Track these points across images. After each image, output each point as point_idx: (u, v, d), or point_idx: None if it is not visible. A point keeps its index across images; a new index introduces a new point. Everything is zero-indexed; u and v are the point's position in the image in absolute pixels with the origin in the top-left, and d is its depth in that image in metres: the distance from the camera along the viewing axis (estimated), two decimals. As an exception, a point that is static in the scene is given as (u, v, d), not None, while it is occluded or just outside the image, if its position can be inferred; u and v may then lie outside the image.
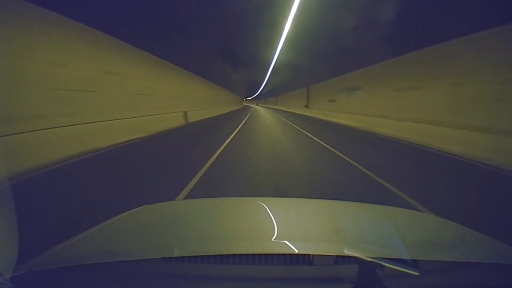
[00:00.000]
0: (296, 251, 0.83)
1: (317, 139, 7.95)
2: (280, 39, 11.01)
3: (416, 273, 0.67)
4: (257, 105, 68.49)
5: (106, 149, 5.65)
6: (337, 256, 0.80)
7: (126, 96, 7.49)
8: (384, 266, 0.69)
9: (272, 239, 0.98)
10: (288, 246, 0.88)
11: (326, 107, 18.38)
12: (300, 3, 7.07)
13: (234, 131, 9.52)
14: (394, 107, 9.75)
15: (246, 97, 67.22)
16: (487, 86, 5.85)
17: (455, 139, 6.31)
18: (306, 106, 24.58)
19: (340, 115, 14.79)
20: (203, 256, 0.80)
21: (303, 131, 10.23)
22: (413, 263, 0.70)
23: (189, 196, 3.05)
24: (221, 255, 0.80)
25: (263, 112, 28.01)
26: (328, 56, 12.33)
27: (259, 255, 0.81)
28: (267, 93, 52.57)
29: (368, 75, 12.09)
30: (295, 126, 12.13)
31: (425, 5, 5.90)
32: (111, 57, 6.83)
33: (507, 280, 0.79)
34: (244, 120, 15.70)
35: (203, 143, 7.04)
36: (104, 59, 6.49)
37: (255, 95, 66.16)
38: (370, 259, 0.70)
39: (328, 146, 6.70)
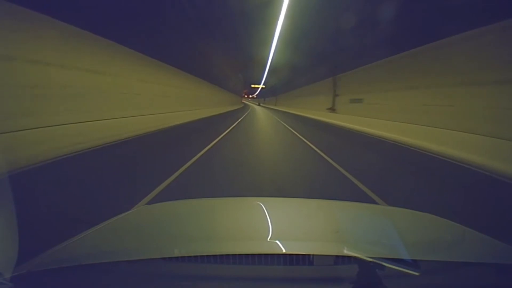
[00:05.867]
0: (296, 251, 0.83)
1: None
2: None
3: (416, 273, 0.67)
4: (258, 105, 64.53)
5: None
6: (337, 256, 0.80)
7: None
8: (384, 266, 0.69)
9: (272, 239, 0.98)
10: (288, 246, 0.88)
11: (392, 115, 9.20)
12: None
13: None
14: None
15: (246, 95, 64.28)
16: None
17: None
18: (331, 109, 15.68)
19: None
20: (203, 256, 0.80)
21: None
22: (413, 263, 0.70)
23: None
24: (221, 255, 0.80)
25: (262, 120, 17.20)
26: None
27: (259, 255, 0.81)
28: (268, 92, 49.28)
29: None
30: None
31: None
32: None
33: (507, 280, 0.79)
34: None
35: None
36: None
37: (255, 94, 63.17)
38: (370, 259, 0.70)
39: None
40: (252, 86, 43.37)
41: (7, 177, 2.93)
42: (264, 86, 40.61)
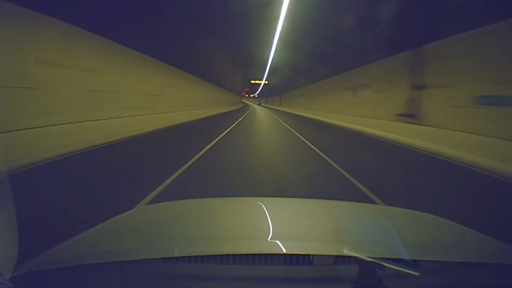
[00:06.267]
0: (296, 251, 0.83)
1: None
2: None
3: (416, 273, 0.67)
4: (259, 104, 62.22)
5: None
6: (337, 256, 0.80)
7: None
8: (384, 266, 0.69)
9: (272, 239, 0.98)
10: (288, 246, 0.88)
11: None
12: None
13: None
14: None
15: (247, 95, 61.61)
16: None
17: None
18: (409, 116, 7.85)
19: None
20: (203, 256, 0.80)
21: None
22: (413, 263, 0.70)
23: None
24: (221, 255, 0.80)
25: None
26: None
27: (259, 255, 0.81)
28: (271, 91, 42.57)
29: None
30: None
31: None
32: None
33: (507, 280, 0.79)
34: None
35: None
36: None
37: (256, 93, 60.09)
38: (370, 259, 0.70)
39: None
40: (252, 82, 32.94)
41: (7, 176, 2.93)
42: (267, 82, 30.78)
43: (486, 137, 5.26)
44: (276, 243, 0.93)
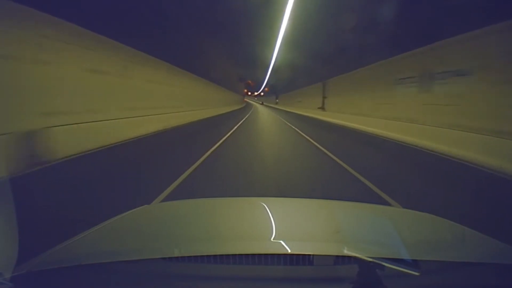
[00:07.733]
0: (296, 251, 0.83)
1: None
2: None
3: (416, 273, 0.67)
4: (262, 104, 55.54)
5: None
6: (337, 256, 0.80)
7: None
8: (384, 266, 0.69)
9: (272, 239, 0.98)
10: (288, 246, 0.88)
11: None
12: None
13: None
14: None
15: (250, 93, 54.71)
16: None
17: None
18: None
19: None
20: (203, 256, 0.80)
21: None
22: (413, 263, 0.70)
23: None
24: (221, 255, 0.80)
25: None
26: None
27: (259, 255, 0.81)
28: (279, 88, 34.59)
29: None
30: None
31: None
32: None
33: (507, 280, 0.79)
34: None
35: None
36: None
37: (261, 90, 49.94)
38: (370, 259, 0.70)
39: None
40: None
41: (7, 177, 2.95)
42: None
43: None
44: (276, 243, 0.93)
